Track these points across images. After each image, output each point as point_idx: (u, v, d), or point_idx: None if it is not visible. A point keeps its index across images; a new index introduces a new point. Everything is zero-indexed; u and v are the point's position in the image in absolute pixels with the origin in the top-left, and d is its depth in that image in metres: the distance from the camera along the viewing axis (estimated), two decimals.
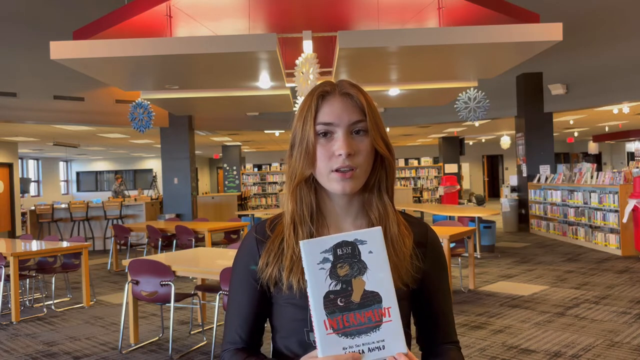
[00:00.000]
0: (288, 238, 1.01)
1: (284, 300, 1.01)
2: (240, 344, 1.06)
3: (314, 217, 1.03)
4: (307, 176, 1.01)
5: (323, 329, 0.84)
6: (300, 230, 1.01)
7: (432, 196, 19.63)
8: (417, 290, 1.06)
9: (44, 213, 10.78)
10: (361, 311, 0.85)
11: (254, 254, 1.06)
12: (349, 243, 0.87)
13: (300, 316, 0.99)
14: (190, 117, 11.74)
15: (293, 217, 1.03)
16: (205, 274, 4.22)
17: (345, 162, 0.96)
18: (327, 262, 0.86)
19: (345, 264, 0.86)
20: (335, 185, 0.98)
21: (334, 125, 0.98)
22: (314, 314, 0.85)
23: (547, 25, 5.42)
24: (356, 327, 0.84)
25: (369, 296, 0.86)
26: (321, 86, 1.03)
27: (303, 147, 1.00)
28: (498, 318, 4.80)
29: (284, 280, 0.99)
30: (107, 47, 5.41)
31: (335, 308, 0.85)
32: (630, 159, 21.68)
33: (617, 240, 8.04)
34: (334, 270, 0.86)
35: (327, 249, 0.86)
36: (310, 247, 0.86)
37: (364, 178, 1.00)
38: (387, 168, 1.03)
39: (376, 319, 0.85)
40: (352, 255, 0.86)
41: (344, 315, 0.85)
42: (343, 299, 0.85)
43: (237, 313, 1.07)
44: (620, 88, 10.85)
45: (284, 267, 0.99)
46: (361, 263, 0.86)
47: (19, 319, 5.31)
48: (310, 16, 6.11)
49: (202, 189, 25.59)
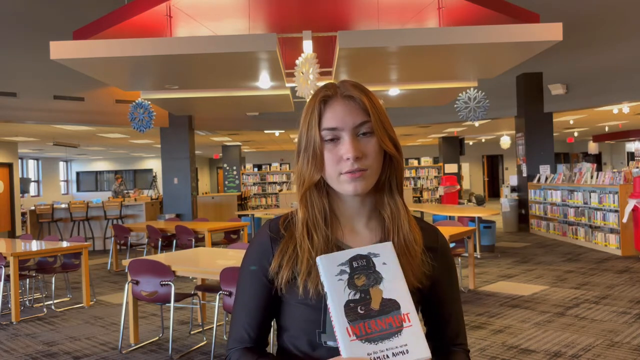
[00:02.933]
0: (302, 243, 1.00)
1: (296, 301, 1.00)
2: (247, 342, 1.04)
3: (328, 220, 1.02)
4: (315, 181, 1.00)
5: (346, 335, 0.86)
6: (315, 235, 1.00)
7: (432, 196, 19.63)
8: (427, 294, 1.06)
9: (44, 213, 10.78)
10: (382, 317, 0.88)
11: (268, 252, 1.04)
12: (363, 256, 0.91)
13: (313, 317, 0.98)
14: (190, 117, 11.74)
15: (306, 223, 1.02)
16: (205, 274, 4.22)
17: (354, 165, 0.96)
18: (345, 273, 0.90)
19: (362, 275, 0.90)
20: (347, 187, 0.98)
21: (338, 129, 0.98)
22: (336, 322, 0.87)
23: (547, 25, 5.43)
24: (379, 333, 0.87)
25: (387, 304, 0.89)
26: (323, 90, 1.02)
27: (310, 152, 1.00)
28: (498, 318, 4.80)
29: (299, 284, 0.98)
30: (107, 47, 5.41)
31: (357, 316, 0.87)
32: (630, 159, 21.68)
33: (617, 240, 8.04)
34: (352, 281, 0.89)
35: (343, 262, 0.90)
36: (327, 262, 0.90)
37: (375, 178, 1.00)
38: (396, 166, 1.03)
39: (397, 324, 0.88)
40: (367, 267, 0.91)
41: (366, 322, 0.87)
42: (363, 307, 0.88)
43: (245, 310, 1.05)
44: (620, 88, 10.85)
45: (298, 271, 0.98)
46: (376, 274, 0.90)
47: (19, 319, 5.31)
48: (310, 16, 6.11)
49: (202, 189, 25.58)
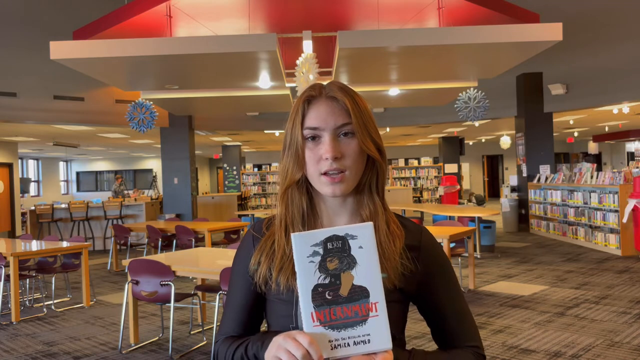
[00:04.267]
0: (279, 239, 1.03)
1: (273, 296, 1.03)
2: (231, 334, 1.09)
3: (305, 219, 1.04)
4: (297, 179, 1.02)
5: (310, 321, 0.85)
6: (292, 231, 1.03)
7: (432, 196, 19.63)
8: (417, 294, 1.06)
9: (44, 213, 10.78)
10: (348, 305, 0.86)
11: (250, 251, 1.08)
12: (339, 237, 0.87)
13: (286, 312, 1.01)
14: (190, 117, 11.73)
15: (284, 220, 1.04)
16: (205, 274, 4.22)
17: (333, 165, 0.97)
18: (317, 255, 0.87)
19: (335, 258, 0.87)
20: (326, 189, 0.99)
21: (320, 129, 0.99)
22: (302, 306, 0.86)
23: (547, 25, 5.43)
24: (343, 321, 0.85)
25: (357, 291, 0.86)
26: (308, 90, 1.04)
27: (292, 150, 1.01)
28: (498, 318, 4.80)
29: (273, 278, 1.01)
30: (107, 47, 5.41)
31: (323, 301, 0.86)
32: (630, 159, 21.67)
33: (617, 240, 8.04)
34: (324, 264, 0.86)
35: (318, 243, 0.87)
36: (301, 240, 0.87)
37: (354, 180, 1.01)
38: (378, 169, 1.04)
39: (363, 313, 0.86)
40: (342, 249, 0.87)
41: (332, 309, 0.86)
42: (331, 292, 0.86)
43: (231, 307, 1.10)
44: (620, 88, 10.85)
45: (274, 265, 1.01)
46: (350, 258, 0.87)
47: (19, 319, 5.31)
48: (310, 16, 6.11)
49: (202, 189, 25.59)
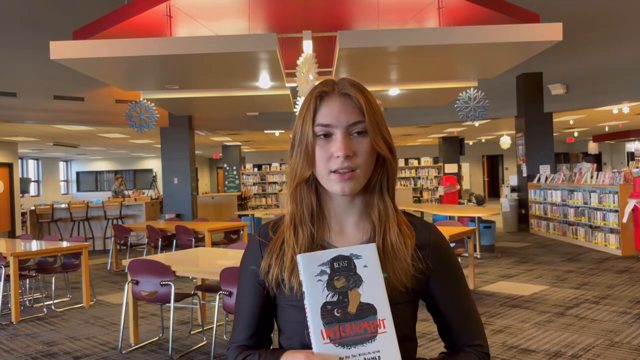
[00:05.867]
0: (288, 238, 1.01)
1: (285, 302, 1.01)
2: (244, 343, 1.07)
3: (315, 217, 1.03)
4: (306, 177, 1.00)
5: (320, 338, 0.86)
6: (301, 231, 1.01)
7: (432, 196, 19.63)
8: (426, 292, 1.05)
9: (44, 213, 10.78)
10: (357, 322, 0.87)
11: (257, 256, 1.06)
12: (345, 257, 0.90)
13: (300, 318, 0.98)
14: (190, 117, 11.74)
15: (293, 218, 1.03)
16: (205, 274, 4.22)
17: (344, 163, 0.95)
18: (325, 274, 0.89)
19: (342, 277, 0.89)
20: (335, 187, 0.97)
21: (332, 126, 0.97)
22: (312, 324, 0.87)
23: (547, 25, 5.42)
24: (352, 338, 0.87)
25: (364, 308, 0.88)
26: (320, 86, 1.01)
27: (302, 148, 0.99)
28: (498, 318, 4.80)
29: (286, 281, 0.99)
30: (107, 47, 5.41)
31: (332, 318, 0.87)
32: (630, 159, 21.67)
33: (617, 240, 8.04)
34: (331, 282, 0.88)
35: (325, 262, 0.89)
36: (307, 260, 0.89)
37: (364, 179, 0.99)
38: (389, 168, 1.02)
39: (371, 330, 0.87)
40: (348, 268, 0.89)
41: (341, 326, 0.87)
42: (340, 309, 0.87)
43: (242, 314, 1.08)
44: (620, 88, 10.85)
45: (285, 267, 0.99)
46: (357, 276, 0.89)
47: (19, 319, 5.31)
48: (310, 16, 6.10)
49: (202, 189, 25.58)
